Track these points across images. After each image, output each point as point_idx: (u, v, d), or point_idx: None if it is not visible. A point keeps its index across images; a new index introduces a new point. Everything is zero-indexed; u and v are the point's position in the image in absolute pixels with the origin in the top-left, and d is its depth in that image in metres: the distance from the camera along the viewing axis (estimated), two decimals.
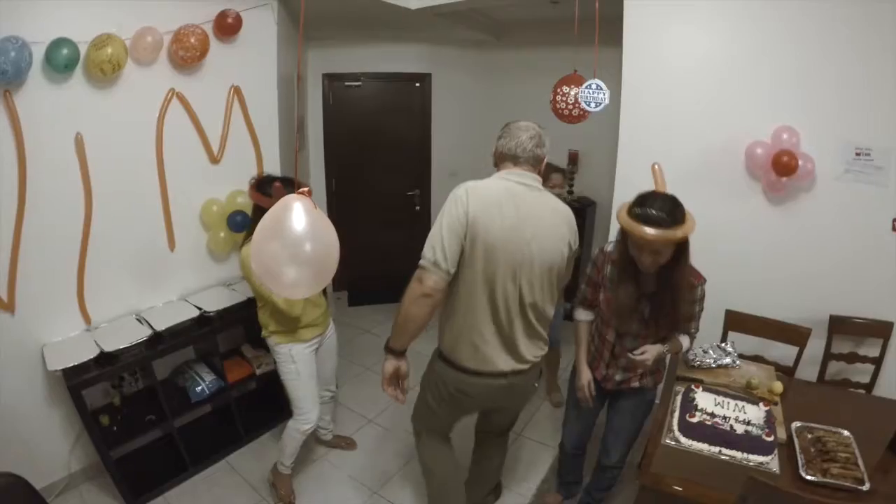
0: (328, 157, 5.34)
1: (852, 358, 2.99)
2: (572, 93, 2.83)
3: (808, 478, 1.96)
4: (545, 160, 2.17)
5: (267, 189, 2.41)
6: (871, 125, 2.76)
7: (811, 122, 2.87)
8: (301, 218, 1.32)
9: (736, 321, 3.11)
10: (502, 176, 2.09)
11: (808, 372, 3.04)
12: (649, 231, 1.95)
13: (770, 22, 2.89)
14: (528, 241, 2.01)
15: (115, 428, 2.82)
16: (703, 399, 2.28)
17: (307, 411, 2.71)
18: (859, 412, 2.46)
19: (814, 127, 2.87)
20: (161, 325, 2.89)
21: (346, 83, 5.17)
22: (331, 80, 5.15)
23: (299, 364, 2.64)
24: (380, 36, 4.95)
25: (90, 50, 2.54)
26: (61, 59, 2.45)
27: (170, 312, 3.05)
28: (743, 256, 3.19)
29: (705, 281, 2.28)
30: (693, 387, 2.37)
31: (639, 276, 2.16)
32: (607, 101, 2.71)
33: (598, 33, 2.78)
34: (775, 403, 2.41)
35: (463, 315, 2.09)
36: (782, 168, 2.82)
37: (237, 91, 3.27)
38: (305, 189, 1.36)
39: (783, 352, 2.97)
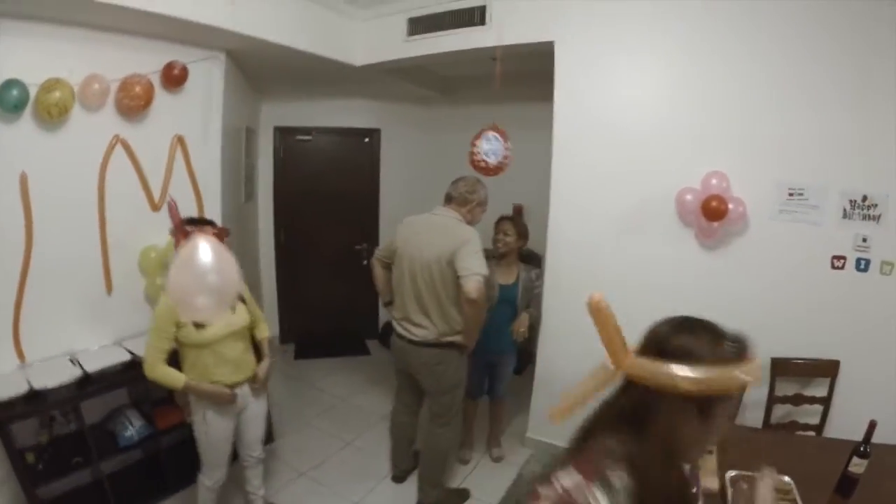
0: (277, 208, 5.67)
1: (798, 399, 3.06)
2: (489, 145, 3.17)
3: None
4: (475, 203, 3.09)
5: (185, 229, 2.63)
6: (804, 165, 2.95)
7: (741, 166, 3.05)
8: (206, 252, 1.69)
9: None
10: (431, 211, 3.13)
11: (753, 416, 3.12)
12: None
13: (695, 70, 3.14)
14: (421, 250, 2.98)
15: (40, 466, 2.92)
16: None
17: (212, 468, 2.79)
18: (805, 456, 2.46)
19: (744, 170, 3.04)
20: (92, 367, 3.03)
21: (298, 137, 5.56)
22: (282, 133, 5.53)
23: (210, 427, 2.68)
24: (331, 91, 5.34)
25: (39, 93, 2.79)
26: (11, 100, 2.71)
27: (103, 355, 3.18)
28: (679, 304, 3.19)
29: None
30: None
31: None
32: (505, 152, 3.08)
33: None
34: (710, 451, 2.34)
35: (396, 296, 3.14)
36: (712, 213, 2.97)
37: (181, 140, 3.54)
38: (212, 230, 1.73)
39: None
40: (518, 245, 3.51)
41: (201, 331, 2.51)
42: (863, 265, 2.94)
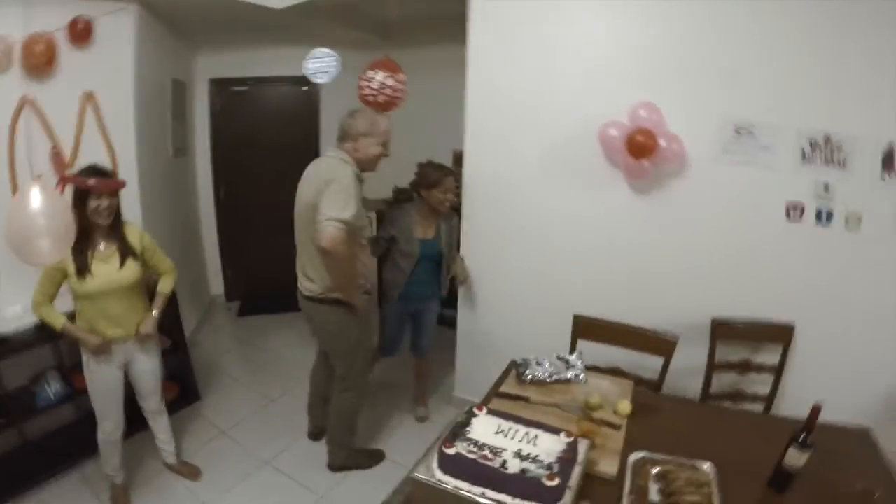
0: (216, 163, 5.68)
1: (745, 367, 2.85)
2: (377, 77, 3.06)
3: None
4: (357, 135, 2.81)
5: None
6: (754, 99, 2.63)
7: (679, 98, 2.76)
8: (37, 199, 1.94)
9: (584, 328, 2.85)
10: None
11: (693, 385, 2.91)
12: None
13: None
14: (300, 198, 2.83)
15: None
16: (481, 425, 1.93)
17: (101, 418, 2.89)
18: (741, 436, 2.15)
19: (682, 103, 2.75)
20: (5, 329, 3.15)
21: (234, 88, 5.52)
22: (218, 85, 5.49)
23: (92, 374, 2.79)
24: (266, 40, 5.26)
25: None
26: None
27: (20, 317, 3.23)
28: (607, 254, 3.19)
29: None
30: (475, 409, 2.00)
31: None
32: (337, 67, 2.92)
33: None
34: (616, 427, 2.14)
35: None
36: (638, 149, 2.69)
37: (90, 96, 3.55)
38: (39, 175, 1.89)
39: (659, 363, 2.72)
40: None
41: (82, 282, 2.59)
42: (824, 217, 2.66)
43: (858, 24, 2.45)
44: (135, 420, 3.19)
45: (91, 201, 2.53)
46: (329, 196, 2.58)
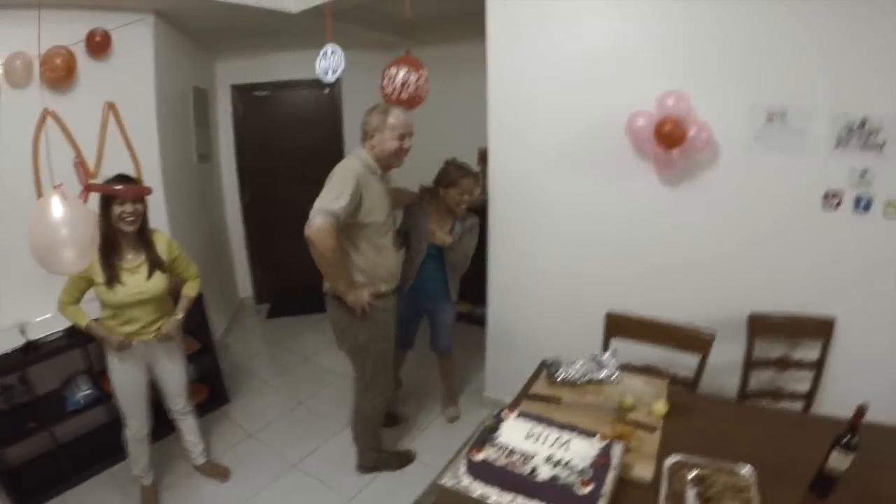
0: (241, 167, 5.73)
1: (784, 363, 2.73)
2: (399, 75, 3.04)
3: None
4: (371, 130, 2.79)
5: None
6: (786, 82, 2.52)
7: (707, 85, 2.66)
8: (58, 208, 1.94)
9: (618, 325, 2.78)
10: None
11: (728, 383, 2.84)
12: None
13: None
14: None
15: None
16: (511, 429, 1.88)
17: (127, 417, 2.95)
18: (781, 438, 2.04)
19: (710, 90, 2.65)
20: (37, 335, 3.20)
21: (255, 93, 5.56)
22: (240, 91, 5.54)
23: (115, 374, 2.85)
24: (286, 45, 5.27)
25: None
26: None
27: (50, 324, 3.30)
28: (638, 248, 3.11)
29: None
30: (504, 412, 1.96)
31: None
32: (343, 66, 2.91)
33: None
34: (652, 429, 2.07)
35: None
36: (667, 139, 2.59)
37: (112, 107, 3.60)
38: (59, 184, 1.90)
39: (694, 361, 2.63)
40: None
41: (111, 291, 2.62)
42: (863, 204, 2.49)
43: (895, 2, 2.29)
44: (164, 423, 3.24)
45: (115, 207, 2.55)
46: (324, 188, 2.61)
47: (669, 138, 2.59)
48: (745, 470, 1.76)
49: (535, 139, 3.29)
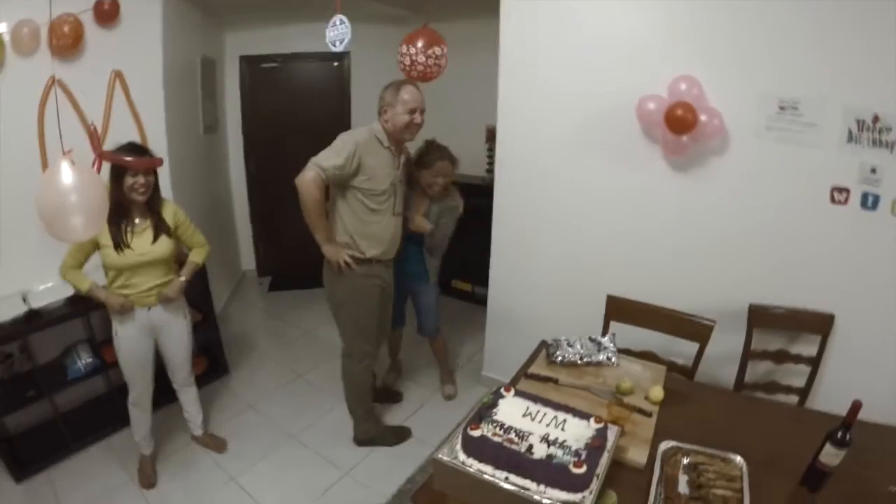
0: (247, 139, 5.73)
1: (781, 357, 2.75)
2: (414, 48, 3.03)
3: None
4: (383, 107, 2.91)
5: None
6: (799, 74, 2.48)
7: (720, 72, 2.63)
8: (68, 174, 1.90)
9: (618, 309, 2.80)
10: None
11: (726, 373, 2.86)
12: None
13: None
14: None
15: None
16: (508, 407, 1.90)
17: (130, 384, 2.99)
18: (775, 430, 2.08)
19: (723, 77, 2.63)
20: (39, 303, 3.22)
21: (263, 65, 5.52)
22: (248, 62, 5.51)
23: (120, 340, 2.86)
24: (296, 16, 5.23)
25: None
26: None
27: (52, 292, 3.34)
28: (642, 233, 3.11)
29: None
30: (503, 390, 1.97)
31: None
32: (349, 36, 2.86)
33: None
34: (647, 413, 2.09)
35: None
36: (677, 123, 2.56)
37: (119, 75, 3.58)
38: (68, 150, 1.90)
39: (693, 348, 2.64)
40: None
41: (119, 254, 2.65)
42: (870, 202, 2.46)
43: None
44: (164, 393, 3.27)
45: (127, 178, 2.59)
46: (326, 148, 2.81)
47: (681, 123, 2.57)
48: (738, 459, 1.79)
49: (544, 120, 3.28)
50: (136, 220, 2.73)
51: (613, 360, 2.46)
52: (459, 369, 4.32)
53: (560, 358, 2.45)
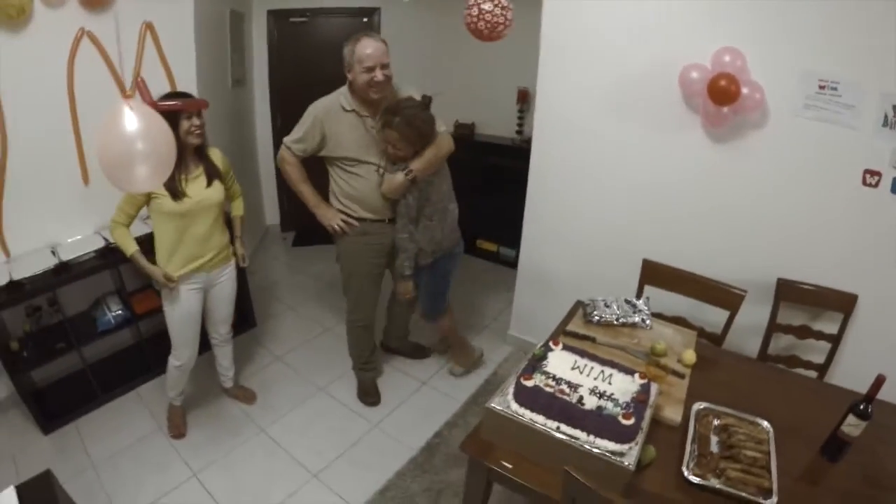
0: (274, 95, 5.69)
1: (804, 332, 2.77)
2: (479, 2, 2.70)
3: (692, 479, 1.66)
4: (346, 64, 2.86)
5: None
6: (840, 55, 2.45)
7: (762, 45, 2.59)
8: (132, 120, 1.77)
9: (653, 274, 2.88)
10: None
11: (750, 344, 2.91)
12: None
13: None
14: None
15: (25, 353, 3.19)
16: (557, 360, 1.99)
17: (177, 348, 3.01)
18: (797, 400, 2.16)
19: (767, 52, 2.59)
20: (68, 256, 3.24)
21: (291, 19, 5.46)
22: (276, 16, 5.44)
23: (174, 305, 2.88)
24: None
25: None
26: None
27: (82, 244, 3.38)
28: (677, 200, 3.10)
29: None
30: (551, 343, 2.07)
31: None
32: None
33: None
34: (681, 375, 2.18)
35: None
36: (720, 94, 2.55)
37: (150, 27, 3.54)
38: (129, 94, 1.80)
39: (720, 317, 2.74)
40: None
41: (177, 202, 2.66)
42: None
43: None
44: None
45: (183, 122, 2.60)
46: None
47: (724, 94, 2.55)
48: (765, 423, 1.89)
49: (586, 81, 3.21)
50: (191, 167, 2.75)
51: (648, 322, 2.54)
52: (485, 329, 4.35)
53: (597, 318, 2.54)
